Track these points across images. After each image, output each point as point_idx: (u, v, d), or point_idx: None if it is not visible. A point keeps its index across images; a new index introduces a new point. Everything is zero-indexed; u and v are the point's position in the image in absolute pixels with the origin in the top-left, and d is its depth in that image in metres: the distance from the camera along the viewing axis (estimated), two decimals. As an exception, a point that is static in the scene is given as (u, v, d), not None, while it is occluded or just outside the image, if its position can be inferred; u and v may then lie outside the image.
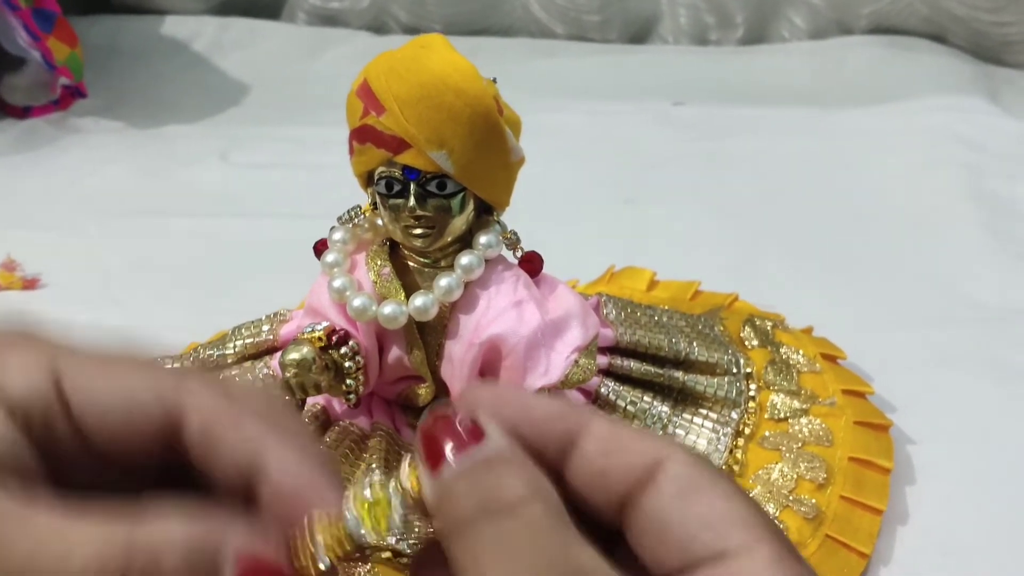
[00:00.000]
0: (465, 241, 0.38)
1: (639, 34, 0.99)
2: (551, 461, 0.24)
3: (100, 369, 0.23)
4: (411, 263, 0.38)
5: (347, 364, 0.37)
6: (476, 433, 0.23)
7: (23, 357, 0.23)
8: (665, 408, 0.42)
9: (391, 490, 0.22)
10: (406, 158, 0.35)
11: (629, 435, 0.24)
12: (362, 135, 0.36)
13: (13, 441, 0.22)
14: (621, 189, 0.71)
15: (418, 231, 0.36)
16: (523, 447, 0.24)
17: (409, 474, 0.22)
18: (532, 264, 0.39)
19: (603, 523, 0.24)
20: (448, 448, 0.22)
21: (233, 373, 0.42)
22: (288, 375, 0.36)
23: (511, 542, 0.21)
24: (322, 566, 0.22)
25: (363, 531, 0.22)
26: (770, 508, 0.38)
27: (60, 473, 0.23)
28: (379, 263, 0.38)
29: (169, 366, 0.26)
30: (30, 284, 0.60)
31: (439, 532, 0.22)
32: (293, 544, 0.22)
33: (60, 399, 0.23)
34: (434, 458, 0.22)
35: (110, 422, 0.23)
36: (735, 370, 0.44)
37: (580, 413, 0.24)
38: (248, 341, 0.43)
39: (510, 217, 0.39)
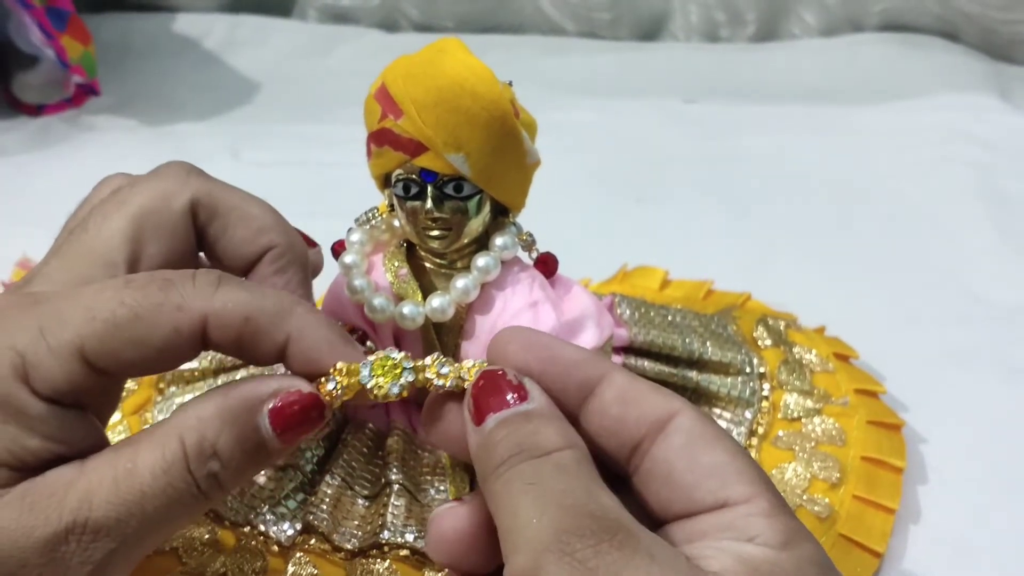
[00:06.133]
0: (481, 243, 0.38)
1: (650, 31, 0.99)
2: (571, 404, 0.27)
3: (121, 335, 0.26)
4: (428, 264, 0.39)
5: (365, 364, 0.37)
6: (520, 391, 0.26)
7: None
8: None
9: (407, 366, 0.28)
10: (423, 161, 0.35)
11: (645, 388, 0.26)
12: (380, 138, 0.36)
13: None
14: (632, 187, 0.71)
15: (435, 233, 0.37)
16: (545, 388, 0.26)
17: (431, 364, 0.28)
18: (547, 265, 0.39)
19: (611, 469, 0.27)
20: (493, 404, 0.25)
21: (251, 371, 0.42)
22: (306, 375, 0.36)
23: (543, 480, 0.24)
24: (330, 386, 0.28)
25: (369, 382, 0.27)
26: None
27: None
28: (396, 264, 0.39)
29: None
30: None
31: (478, 475, 0.25)
32: (317, 382, 0.28)
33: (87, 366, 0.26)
34: (480, 411, 0.26)
35: (147, 356, 0.27)
36: (748, 370, 0.44)
37: (602, 363, 0.27)
38: (265, 340, 0.43)
39: (521, 215, 0.39)
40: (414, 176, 0.36)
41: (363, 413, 0.40)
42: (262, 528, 0.37)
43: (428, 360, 0.28)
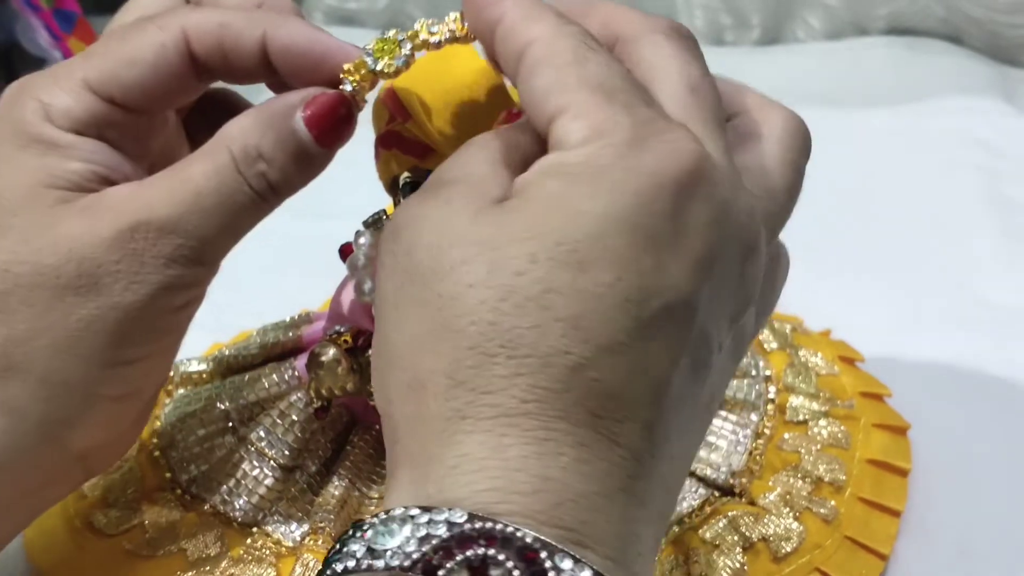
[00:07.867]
0: (489, 245, 0.38)
1: (654, 34, 0.99)
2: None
3: (116, 59, 0.30)
4: (435, 266, 0.39)
5: (372, 366, 0.37)
6: None
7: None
8: (685, 410, 0.42)
9: (401, 39, 0.30)
10: (432, 164, 0.35)
11: (519, 15, 0.26)
12: (388, 141, 0.36)
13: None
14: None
15: (443, 235, 0.37)
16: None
17: (420, 28, 0.31)
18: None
19: None
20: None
21: (258, 374, 0.43)
22: (314, 377, 0.37)
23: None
24: (347, 88, 0.30)
25: (378, 65, 0.30)
26: (788, 511, 0.39)
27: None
28: (404, 266, 0.39)
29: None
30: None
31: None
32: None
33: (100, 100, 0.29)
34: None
35: (144, 76, 0.30)
36: (754, 373, 0.44)
37: (499, 5, 0.27)
38: (273, 342, 0.43)
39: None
40: (422, 179, 0.36)
41: (371, 415, 0.40)
42: (269, 530, 0.37)
43: (417, 26, 0.31)
